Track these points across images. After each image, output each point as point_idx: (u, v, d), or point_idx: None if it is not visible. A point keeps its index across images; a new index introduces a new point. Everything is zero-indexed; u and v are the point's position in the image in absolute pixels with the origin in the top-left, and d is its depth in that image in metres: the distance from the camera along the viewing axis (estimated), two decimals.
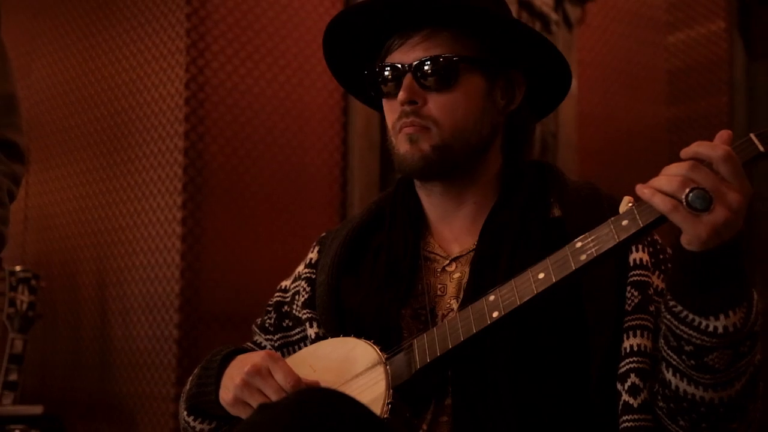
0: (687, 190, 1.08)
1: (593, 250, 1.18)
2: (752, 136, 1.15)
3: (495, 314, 1.24)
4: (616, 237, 1.17)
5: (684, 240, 1.12)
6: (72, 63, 3.06)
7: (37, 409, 2.67)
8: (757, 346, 1.19)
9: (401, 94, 1.40)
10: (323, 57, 1.57)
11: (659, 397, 1.25)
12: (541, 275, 1.22)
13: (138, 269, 2.67)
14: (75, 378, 2.91)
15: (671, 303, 1.18)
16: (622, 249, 1.23)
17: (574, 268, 1.19)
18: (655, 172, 1.16)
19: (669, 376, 1.21)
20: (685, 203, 1.08)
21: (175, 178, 2.55)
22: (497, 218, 1.42)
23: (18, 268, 2.82)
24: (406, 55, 1.42)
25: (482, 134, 1.43)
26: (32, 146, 3.19)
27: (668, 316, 1.19)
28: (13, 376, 2.69)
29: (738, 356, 1.16)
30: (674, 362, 1.20)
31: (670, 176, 1.11)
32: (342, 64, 1.56)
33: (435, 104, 1.40)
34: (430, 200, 1.49)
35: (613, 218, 1.19)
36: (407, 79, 1.40)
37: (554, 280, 1.20)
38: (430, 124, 1.40)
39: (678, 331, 1.17)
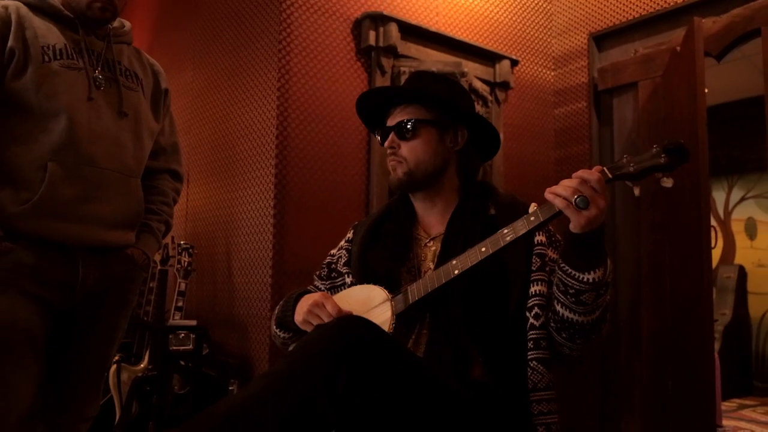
0: (576, 196, 1.06)
1: (513, 234, 1.17)
2: (604, 168, 1.12)
3: (456, 272, 1.22)
4: (527, 226, 1.16)
5: (571, 226, 1.10)
6: (212, 124, 3.03)
7: (192, 322, 2.65)
8: (609, 290, 1.16)
9: (386, 143, 1.40)
10: (355, 114, 1.54)
11: (551, 321, 1.22)
12: (483, 249, 1.20)
13: (248, 242, 2.64)
14: (214, 305, 2.89)
15: (562, 264, 1.15)
16: (531, 234, 1.21)
17: (503, 244, 1.18)
18: (547, 188, 1.12)
19: (558, 308, 1.19)
20: (574, 203, 1.06)
21: (269, 189, 2.52)
22: (457, 215, 1.39)
23: (182, 242, 2.82)
24: (392, 119, 1.41)
25: (436, 164, 1.39)
26: (191, 171, 3.17)
27: (560, 273, 1.16)
28: (180, 303, 2.69)
29: (599, 296, 1.14)
30: (562, 299, 1.17)
31: (565, 186, 1.08)
32: (368, 120, 1.53)
33: (405, 148, 1.38)
34: (416, 203, 1.47)
35: (525, 216, 1.17)
36: (391, 134, 1.40)
37: (491, 251, 1.19)
38: (402, 160, 1.39)
39: (566, 281, 1.15)
